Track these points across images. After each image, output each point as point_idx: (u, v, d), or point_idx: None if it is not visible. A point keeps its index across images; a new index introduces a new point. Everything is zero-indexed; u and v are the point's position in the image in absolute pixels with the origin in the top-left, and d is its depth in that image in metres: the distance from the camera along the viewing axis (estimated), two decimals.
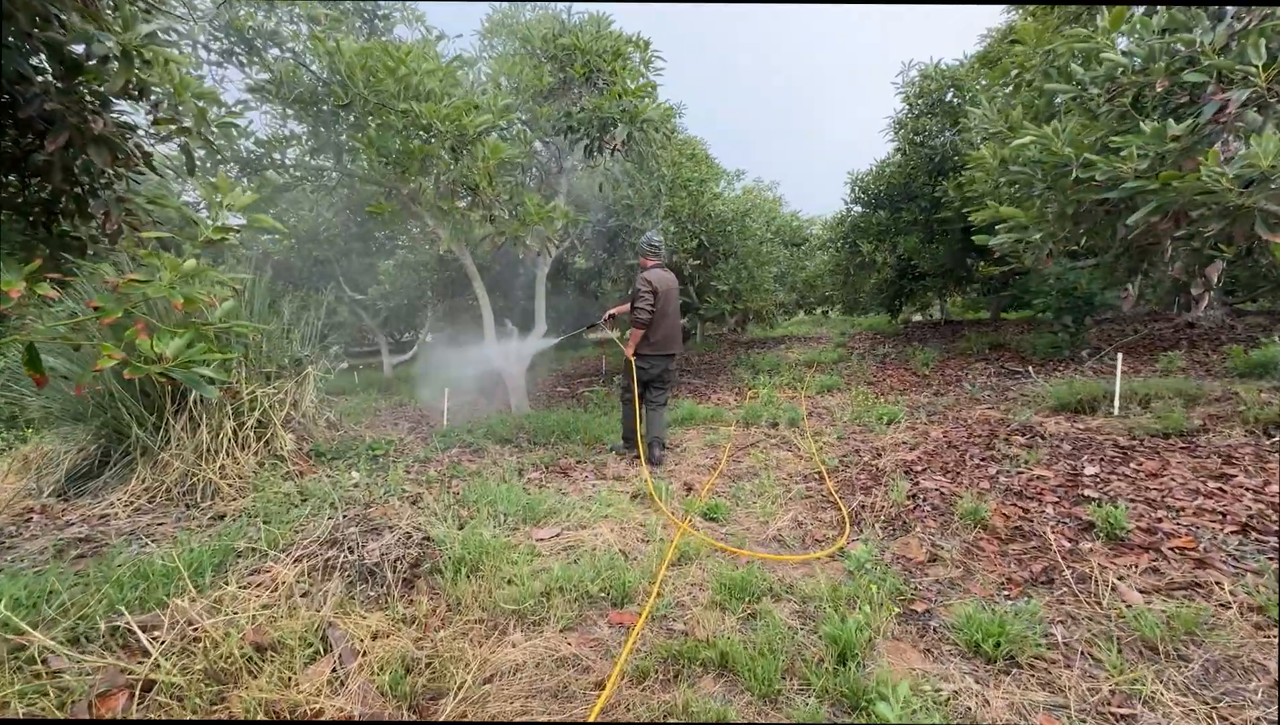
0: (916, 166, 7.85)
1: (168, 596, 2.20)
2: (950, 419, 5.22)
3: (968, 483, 3.50)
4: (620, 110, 4.26)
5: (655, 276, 4.47)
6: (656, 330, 4.51)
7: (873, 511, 3.23)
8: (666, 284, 4.51)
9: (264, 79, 4.54)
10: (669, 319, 4.56)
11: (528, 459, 4.87)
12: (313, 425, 5.02)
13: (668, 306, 4.51)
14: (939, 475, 3.67)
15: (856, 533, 3.02)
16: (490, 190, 3.84)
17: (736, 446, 4.92)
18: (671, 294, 4.56)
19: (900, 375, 7.99)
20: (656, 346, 4.54)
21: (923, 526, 2.99)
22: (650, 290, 4.39)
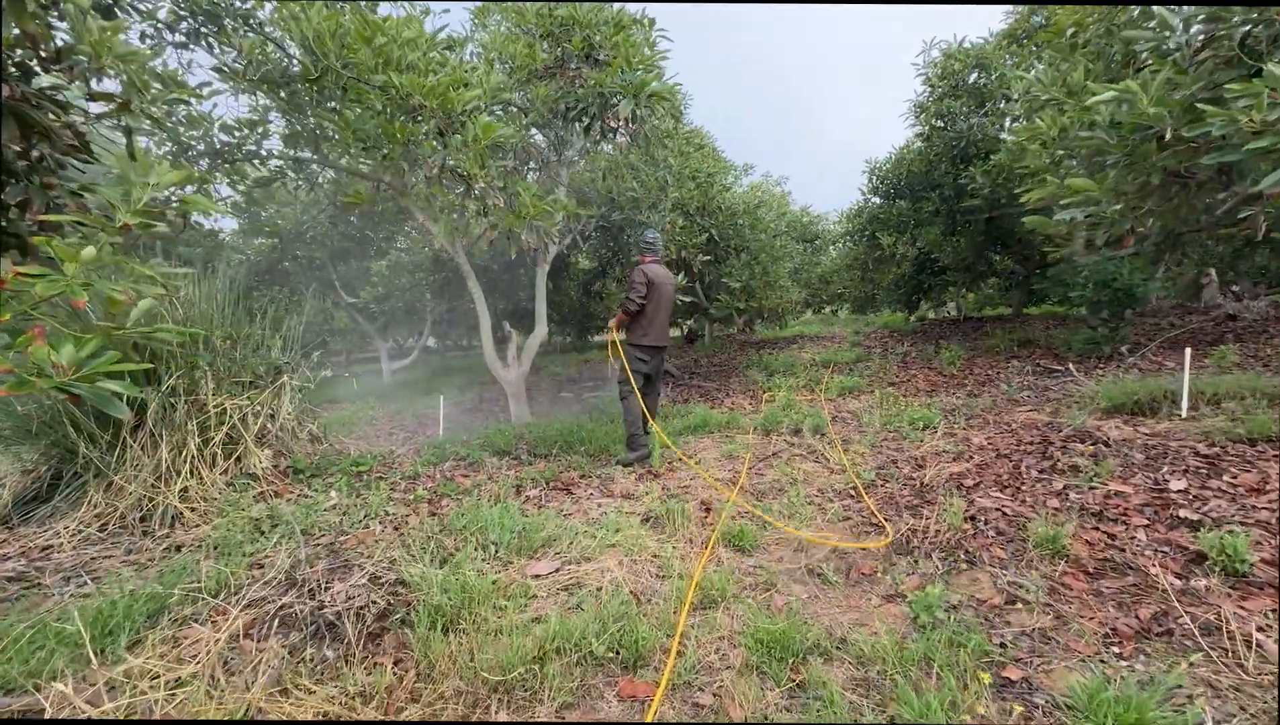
0: (940, 153, 7.36)
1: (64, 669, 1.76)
2: (992, 423, 4.73)
3: (1032, 500, 3.01)
4: (623, 84, 3.82)
5: (651, 270, 4.57)
6: (651, 323, 4.66)
7: (925, 537, 2.75)
8: (661, 278, 4.62)
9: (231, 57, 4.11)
10: (662, 313, 4.71)
11: (527, 474, 4.42)
12: (292, 439, 4.59)
13: (662, 299, 4.65)
14: (996, 491, 3.19)
15: (910, 563, 2.55)
16: (482, 176, 3.39)
17: (757, 457, 4.45)
18: (666, 289, 4.68)
19: (926, 375, 7.49)
20: (651, 338, 4.69)
21: (989, 556, 2.51)
22: (644, 281, 4.51)
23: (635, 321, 4.67)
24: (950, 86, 7.06)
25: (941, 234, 8.34)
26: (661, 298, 4.63)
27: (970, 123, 6.82)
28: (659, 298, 4.60)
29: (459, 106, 3.25)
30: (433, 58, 3.65)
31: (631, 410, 4.65)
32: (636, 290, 4.51)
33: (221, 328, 4.41)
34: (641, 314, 4.63)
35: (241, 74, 3.92)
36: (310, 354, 5.22)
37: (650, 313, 4.61)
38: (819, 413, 5.72)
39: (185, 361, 3.94)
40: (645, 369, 4.74)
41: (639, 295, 4.51)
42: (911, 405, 5.75)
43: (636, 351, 4.71)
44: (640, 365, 4.70)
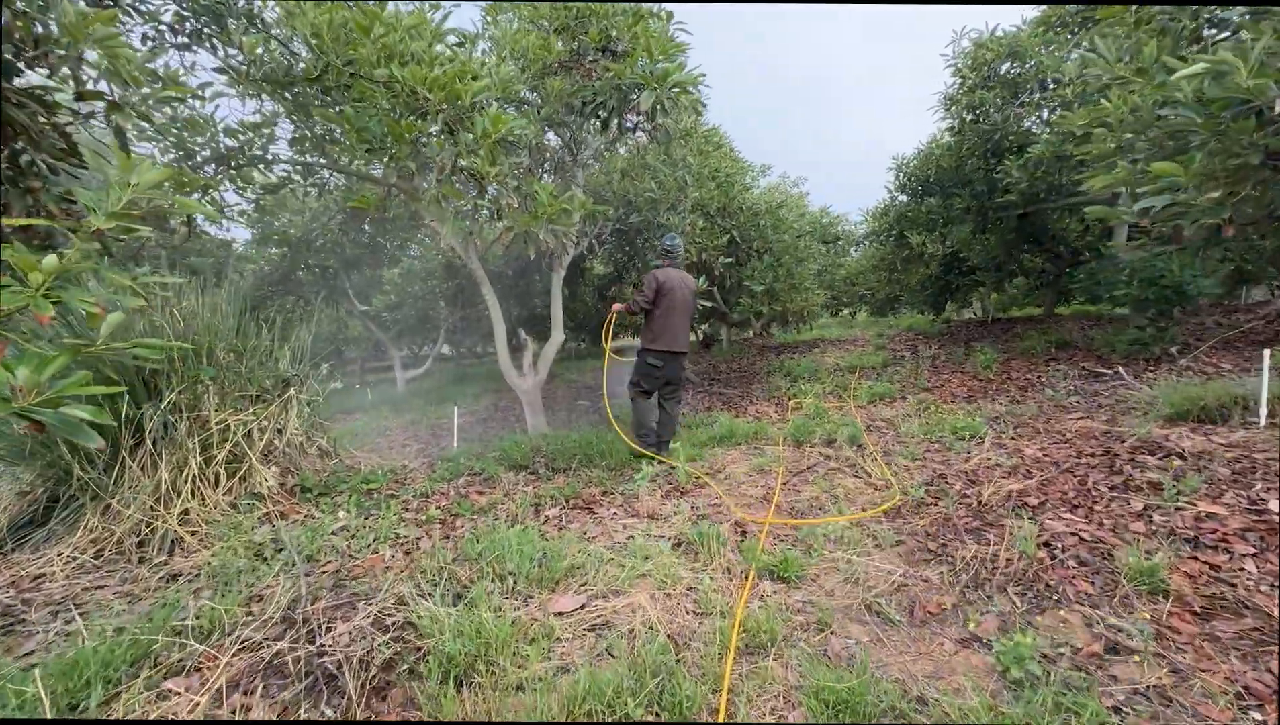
0: (971, 147, 7.03)
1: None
2: (1043, 432, 4.40)
3: (1110, 523, 2.69)
4: (644, 74, 3.58)
5: (664, 274, 4.62)
6: (663, 328, 4.64)
7: (994, 567, 2.45)
8: (675, 283, 4.61)
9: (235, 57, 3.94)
10: (675, 318, 4.66)
11: (545, 491, 4.17)
12: (300, 455, 4.38)
13: (675, 304, 4.62)
14: (1067, 512, 2.87)
15: (982, 599, 2.25)
16: (494, 174, 3.16)
17: (791, 471, 4.16)
18: (680, 294, 4.65)
19: (960, 380, 7.14)
20: (663, 342, 4.65)
21: (1075, 591, 2.21)
22: (654, 285, 4.56)
23: (647, 326, 4.71)
24: (982, 77, 6.74)
25: (972, 232, 7.99)
26: (674, 303, 4.62)
27: (1005, 114, 6.48)
28: (671, 302, 4.60)
29: (467, 99, 3.02)
30: (440, 51, 3.43)
31: (639, 411, 4.78)
32: (644, 293, 4.60)
33: (226, 339, 4.23)
34: (651, 318, 4.68)
35: (245, 74, 3.73)
36: (320, 365, 5.03)
37: (660, 317, 4.63)
38: (853, 422, 5.41)
39: (188, 376, 3.76)
40: (658, 374, 4.75)
41: (645, 298, 4.60)
42: (951, 413, 5.42)
43: (648, 356, 4.72)
44: (652, 370, 4.72)
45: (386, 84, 3.07)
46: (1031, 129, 6.64)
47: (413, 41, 3.11)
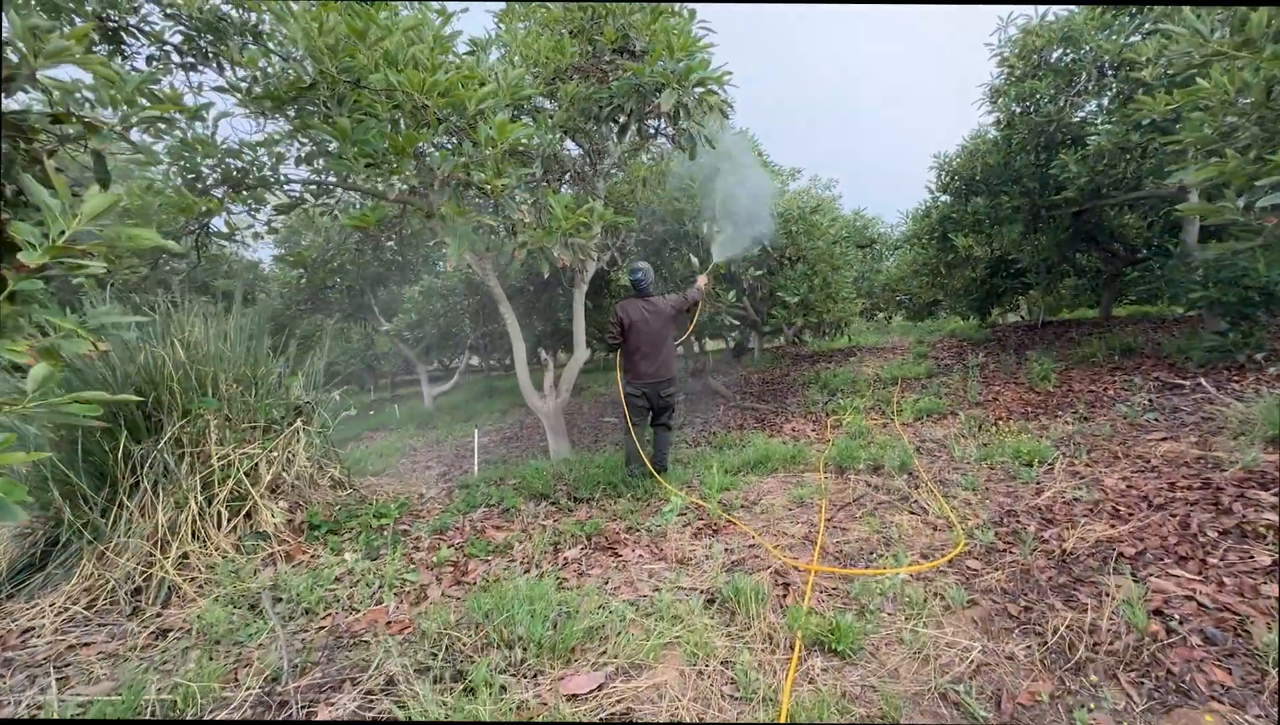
0: (1022, 141, 6.51)
1: None
2: (1123, 458, 3.90)
3: (1232, 583, 2.24)
4: (664, 72, 3.26)
5: (623, 308, 4.59)
6: (635, 361, 4.63)
7: (1094, 641, 2.03)
8: (634, 315, 4.57)
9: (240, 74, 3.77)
10: (645, 350, 4.61)
11: (566, 526, 3.85)
12: (310, 488, 4.16)
13: (641, 339, 4.58)
14: (1174, 565, 2.42)
15: (1087, 689, 1.83)
16: (501, 186, 2.88)
17: (834, 504, 3.76)
18: (640, 325, 4.58)
19: (1015, 392, 6.59)
20: (635, 375, 4.64)
21: (1205, 681, 1.78)
22: (615, 321, 4.58)
23: (625, 358, 4.71)
24: (1031, 66, 6.23)
25: (1022, 232, 7.44)
26: (640, 335, 4.59)
27: (1058, 104, 5.97)
28: (637, 338, 4.58)
29: (472, 106, 2.76)
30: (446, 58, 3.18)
31: (629, 443, 4.69)
32: (609, 330, 4.66)
33: (235, 369, 4.06)
34: (623, 352, 4.69)
35: (247, 90, 3.55)
36: (334, 391, 4.83)
37: (631, 351, 4.63)
38: (900, 443, 4.97)
39: (190, 410, 3.57)
40: (640, 404, 4.70)
41: (610, 336, 4.65)
42: (1011, 432, 4.93)
43: (626, 388, 4.72)
44: (633, 401, 4.68)
45: (386, 92, 2.82)
46: (1088, 119, 6.10)
47: (411, 46, 2.86)
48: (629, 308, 4.58)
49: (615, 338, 4.62)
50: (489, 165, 2.87)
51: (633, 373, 4.65)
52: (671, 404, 4.83)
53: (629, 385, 4.67)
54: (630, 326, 4.56)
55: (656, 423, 4.88)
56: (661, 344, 4.68)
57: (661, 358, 4.66)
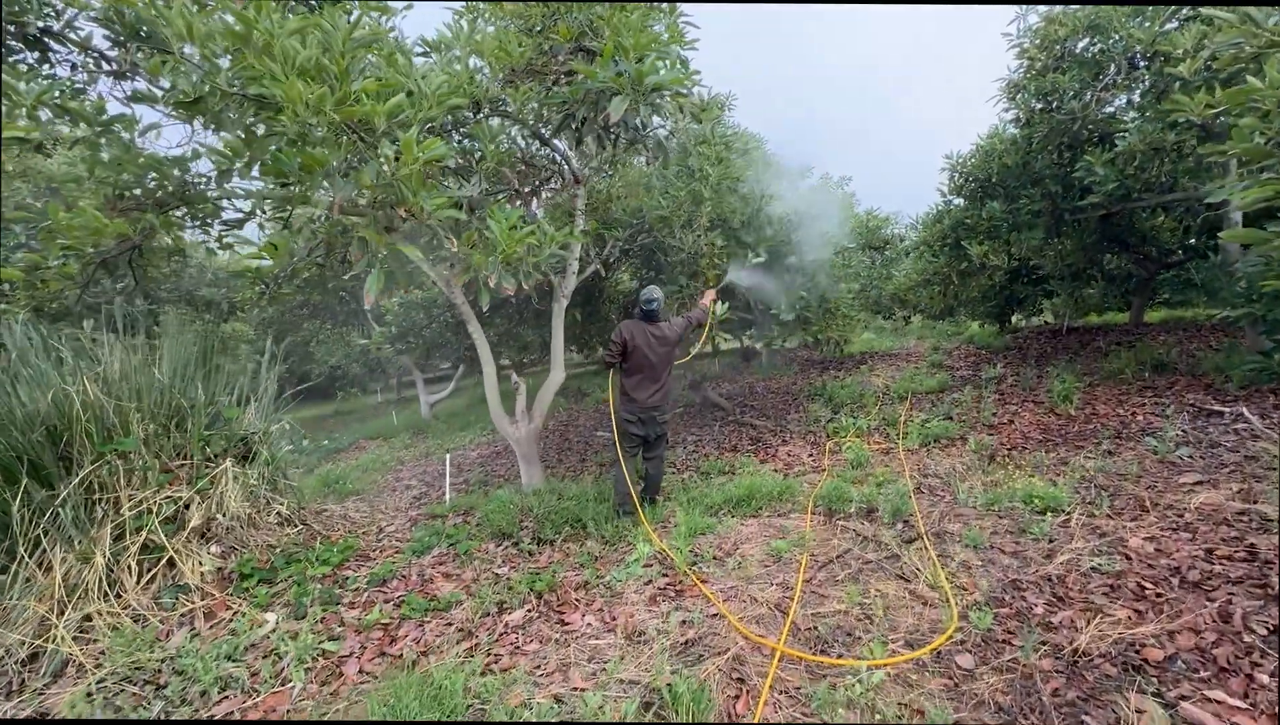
0: (1042, 140, 5.96)
1: None
2: (1152, 509, 3.41)
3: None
4: (616, 75, 2.86)
5: (630, 329, 4.38)
6: (633, 383, 4.42)
7: None
8: (639, 338, 4.35)
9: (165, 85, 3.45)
10: (645, 374, 4.42)
11: (522, 576, 3.49)
12: (249, 529, 3.85)
13: (643, 361, 4.38)
14: (1214, 683, 1.96)
15: None
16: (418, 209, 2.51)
17: (815, 560, 3.33)
18: (643, 349, 4.36)
19: (1033, 414, 6.07)
20: (632, 398, 4.43)
21: None
22: (619, 340, 4.36)
23: (622, 381, 4.48)
24: (1054, 57, 5.67)
25: (1044, 237, 6.87)
26: (643, 362, 4.38)
27: (1083, 100, 5.41)
28: (639, 362, 4.38)
29: (380, 121, 2.39)
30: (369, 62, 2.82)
31: (621, 482, 4.33)
32: (609, 348, 4.43)
33: (167, 400, 3.76)
34: (622, 373, 4.48)
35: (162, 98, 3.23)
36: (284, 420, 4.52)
37: (630, 374, 4.43)
38: (900, 480, 4.51)
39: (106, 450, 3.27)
40: (635, 431, 4.45)
41: (609, 354, 4.44)
42: (1024, 469, 4.44)
43: (622, 411, 4.46)
44: (628, 426, 4.42)
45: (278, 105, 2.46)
46: (1117, 114, 5.53)
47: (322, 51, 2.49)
48: (634, 330, 4.36)
49: (613, 358, 4.39)
50: (406, 185, 2.49)
51: (629, 398, 4.42)
52: (664, 432, 4.65)
53: (625, 411, 4.43)
54: (633, 349, 4.34)
55: (651, 454, 4.62)
56: (663, 370, 4.50)
57: (661, 384, 4.49)
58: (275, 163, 2.65)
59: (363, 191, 2.59)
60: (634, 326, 4.37)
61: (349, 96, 2.32)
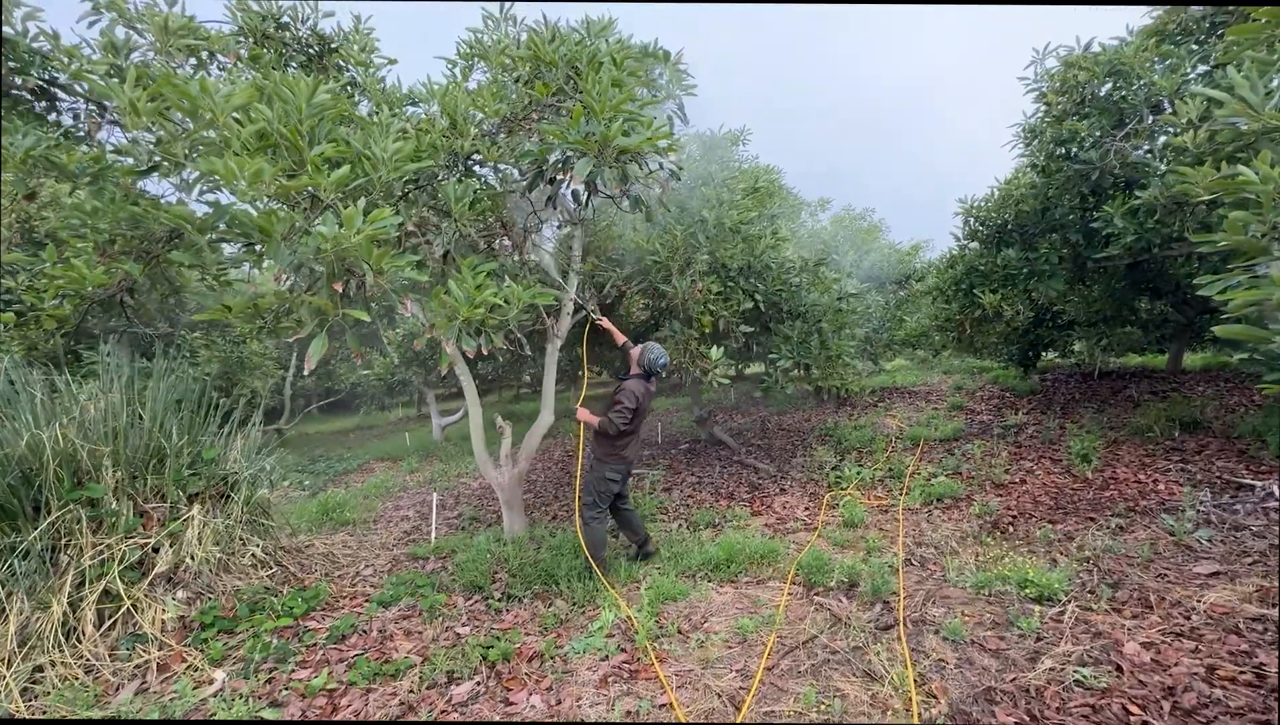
0: (1061, 187, 5.70)
1: None
2: (1155, 604, 3.13)
3: None
4: (581, 137, 2.79)
5: (640, 387, 4.25)
6: (624, 445, 4.34)
7: None
8: (645, 399, 4.31)
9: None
10: (639, 434, 4.46)
11: (479, 640, 3.39)
12: (219, 573, 3.84)
13: (640, 424, 4.39)
14: None
15: None
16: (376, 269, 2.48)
17: (782, 642, 3.14)
18: (645, 409, 4.38)
19: (1046, 474, 5.73)
20: (624, 461, 4.35)
21: None
22: (635, 405, 4.17)
23: (612, 441, 4.30)
24: (1074, 102, 5.43)
25: (1067, 284, 6.55)
26: (640, 420, 4.37)
27: (1105, 147, 5.15)
28: (639, 420, 4.34)
29: (326, 192, 2.37)
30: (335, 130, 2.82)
31: (596, 534, 4.24)
32: (623, 414, 4.15)
33: (145, 442, 3.81)
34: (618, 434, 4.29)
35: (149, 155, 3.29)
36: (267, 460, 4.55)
37: (629, 433, 4.31)
38: (890, 550, 4.28)
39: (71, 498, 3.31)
40: (616, 488, 4.35)
41: (624, 420, 4.15)
42: (1025, 543, 4.16)
43: (606, 469, 4.28)
44: (609, 486, 4.30)
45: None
46: (1142, 161, 5.25)
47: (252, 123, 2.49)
48: (638, 391, 4.23)
49: (628, 425, 4.20)
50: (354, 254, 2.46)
51: (619, 457, 4.32)
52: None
53: (612, 470, 4.29)
54: (639, 411, 4.26)
55: (623, 507, 4.54)
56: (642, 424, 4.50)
57: (641, 438, 4.45)
58: (232, 226, 2.66)
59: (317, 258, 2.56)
60: (638, 387, 4.26)
61: (293, 168, 2.31)
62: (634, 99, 3.10)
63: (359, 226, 2.35)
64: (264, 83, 2.55)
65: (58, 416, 3.39)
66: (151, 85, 2.32)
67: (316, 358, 2.58)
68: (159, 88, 2.27)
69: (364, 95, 4.03)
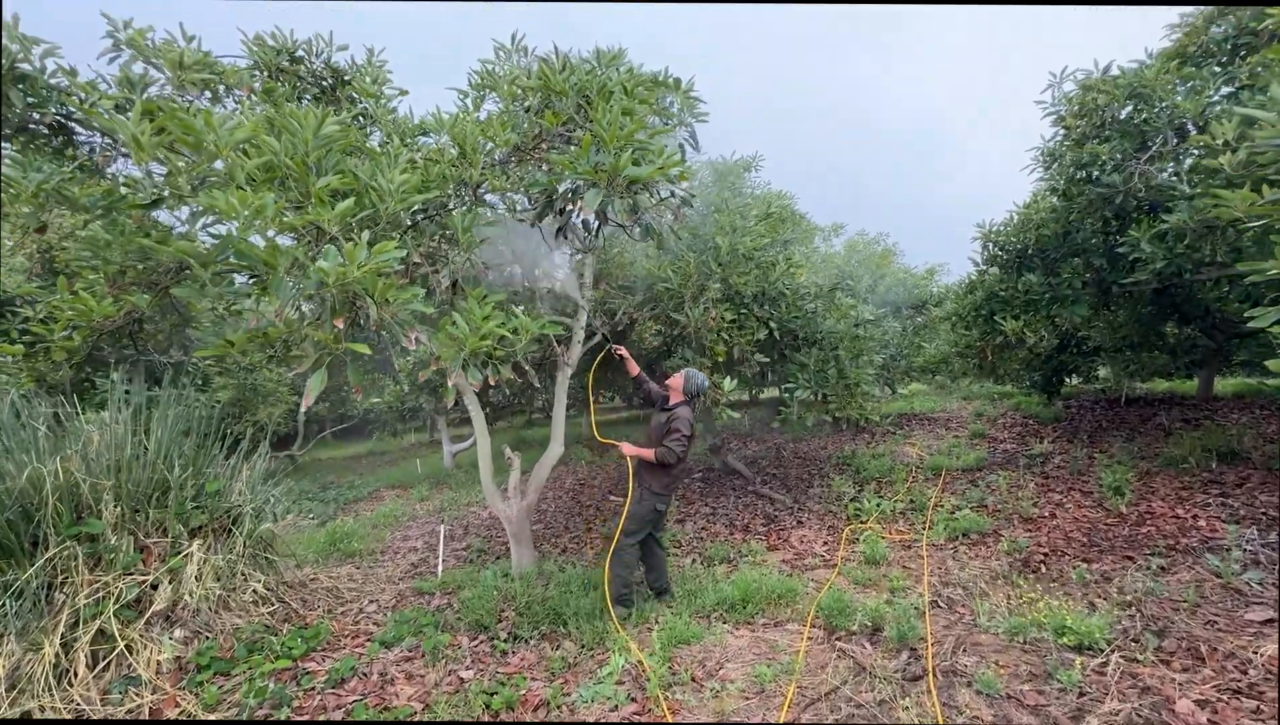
0: (1083, 211, 5.56)
1: None
2: (1209, 657, 2.90)
3: None
4: (592, 168, 2.74)
5: (690, 415, 4.19)
6: (675, 472, 4.23)
7: None
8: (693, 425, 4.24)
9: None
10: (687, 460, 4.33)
11: (483, 686, 3.24)
12: (218, 611, 3.74)
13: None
14: None
15: None
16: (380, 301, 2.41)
17: (802, 693, 2.95)
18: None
19: (1077, 508, 5.48)
20: (669, 489, 4.25)
21: None
22: (690, 433, 4.11)
23: (661, 467, 4.16)
24: (1094, 125, 5.32)
25: (1092, 309, 6.37)
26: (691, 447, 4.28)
27: (1128, 171, 5.02)
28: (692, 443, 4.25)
29: (330, 225, 2.33)
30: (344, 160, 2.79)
31: (628, 557, 4.13)
32: (681, 442, 4.03)
33: (149, 475, 3.75)
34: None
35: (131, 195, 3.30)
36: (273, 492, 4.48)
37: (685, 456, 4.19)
38: (914, 590, 4.07)
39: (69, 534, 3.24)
40: (661, 519, 4.30)
41: (683, 448, 4.04)
42: (1060, 583, 3.93)
43: (657, 501, 4.16)
44: (658, 517, 4.23)
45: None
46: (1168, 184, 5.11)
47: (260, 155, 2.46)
48: (690, 417, 4.18)
49: (685, 453, 4.11)
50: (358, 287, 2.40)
51: (668, 484, 4.22)
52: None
53: (662, 501, 4.19)
54: (692, 437, 4.19)
55: (657, 545, 4.40)
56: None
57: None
58: (239, 258, 2.62)
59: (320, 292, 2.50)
60: (690, 414, 4.22)
61: (299, 200, 2.27)
62: (644, 127, 3.05)
63: (362, 260, 2.28)
64: (274, 115, 2.53)
65: (61, 449, 3.34)
66: (158, 118, 2.29)
67: (315, 392, 2.51)
68: (163, 121, 2.24)
69: (375, 126, 4.04)
